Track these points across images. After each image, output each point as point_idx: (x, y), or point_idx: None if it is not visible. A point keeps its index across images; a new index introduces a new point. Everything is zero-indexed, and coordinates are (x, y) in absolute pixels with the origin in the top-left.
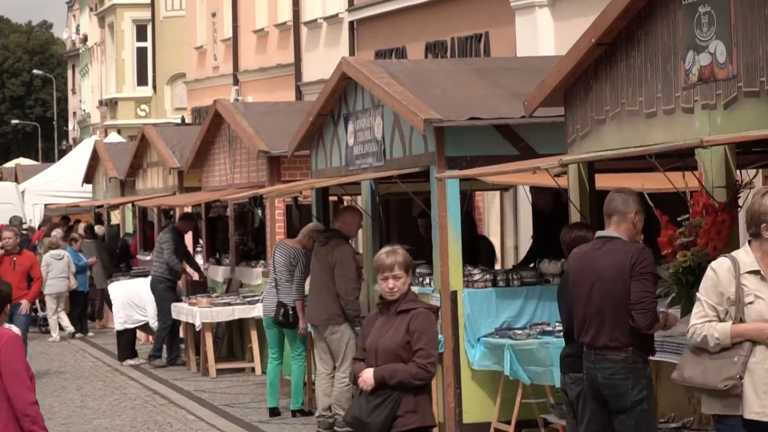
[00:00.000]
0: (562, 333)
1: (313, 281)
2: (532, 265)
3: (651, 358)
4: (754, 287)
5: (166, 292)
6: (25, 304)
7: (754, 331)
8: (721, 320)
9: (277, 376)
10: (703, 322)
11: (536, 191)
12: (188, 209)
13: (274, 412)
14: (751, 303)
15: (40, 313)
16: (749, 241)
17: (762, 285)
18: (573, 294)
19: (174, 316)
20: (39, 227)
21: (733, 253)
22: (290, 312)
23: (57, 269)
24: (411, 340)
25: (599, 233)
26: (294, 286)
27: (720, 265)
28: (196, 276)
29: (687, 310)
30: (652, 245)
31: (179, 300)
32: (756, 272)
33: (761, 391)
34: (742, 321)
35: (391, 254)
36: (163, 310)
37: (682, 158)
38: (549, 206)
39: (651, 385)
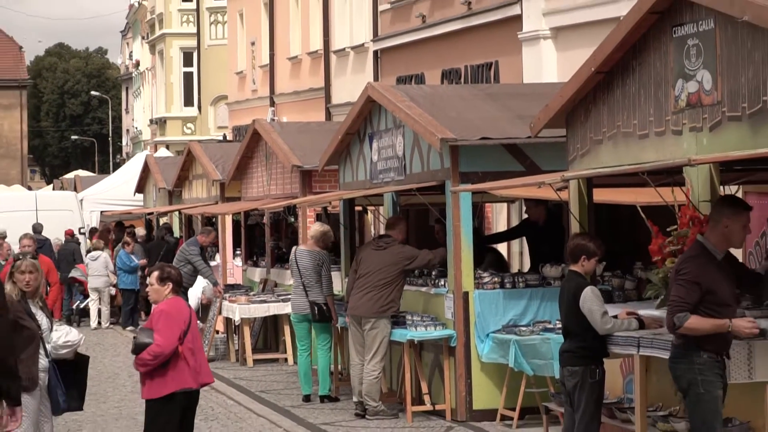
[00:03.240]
0: (561, 330)
1: (362, 280)
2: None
3: (646, 353)
4: None
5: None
6: None
7: None
8: None
9: (309, 366)
10: None
11: (530, 204)
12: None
13: (308, 398)
14: None
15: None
16: None
17: None
18: None
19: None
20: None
21: None
22: (324, 308)
23: (92, 268)
24: None
25: (698, 235)
26: (324, 284)
27: None
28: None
29: None
30: (643, 253)
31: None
32: None
33: None
34: None
35: None
36: None
37: (671, 175)
38: (542, 218)
39: (710, 371)
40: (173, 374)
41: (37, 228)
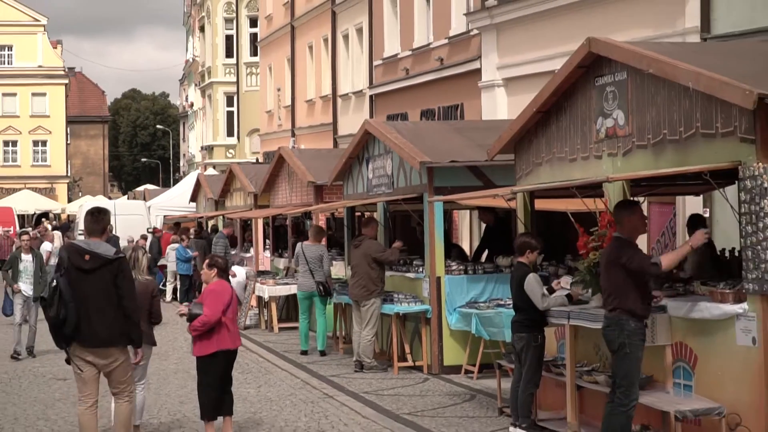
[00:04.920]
0: (512, 305)
1: (354, 270)
2: (484, 257)
3: (575, 323)
4: None
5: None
6: None
7: None
8: None
9: (308, 329)
10: None
11: (482, 210)
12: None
13: (305, 353)
14: None
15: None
16: None
17: None
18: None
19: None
20: (165, 232)
21: None
22: (326, 286)
23: (169, 256)
24: None
25: (614, 233)
26: (324, 268)
27: None
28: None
29: (596, 292)
30: (572, 248)
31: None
32: None
33: None
34: None
35: None
36: None
37: (594, 189)
38: (492, 221)
39: (636, 337)
40: (217, 338)
41: (110, 228)
